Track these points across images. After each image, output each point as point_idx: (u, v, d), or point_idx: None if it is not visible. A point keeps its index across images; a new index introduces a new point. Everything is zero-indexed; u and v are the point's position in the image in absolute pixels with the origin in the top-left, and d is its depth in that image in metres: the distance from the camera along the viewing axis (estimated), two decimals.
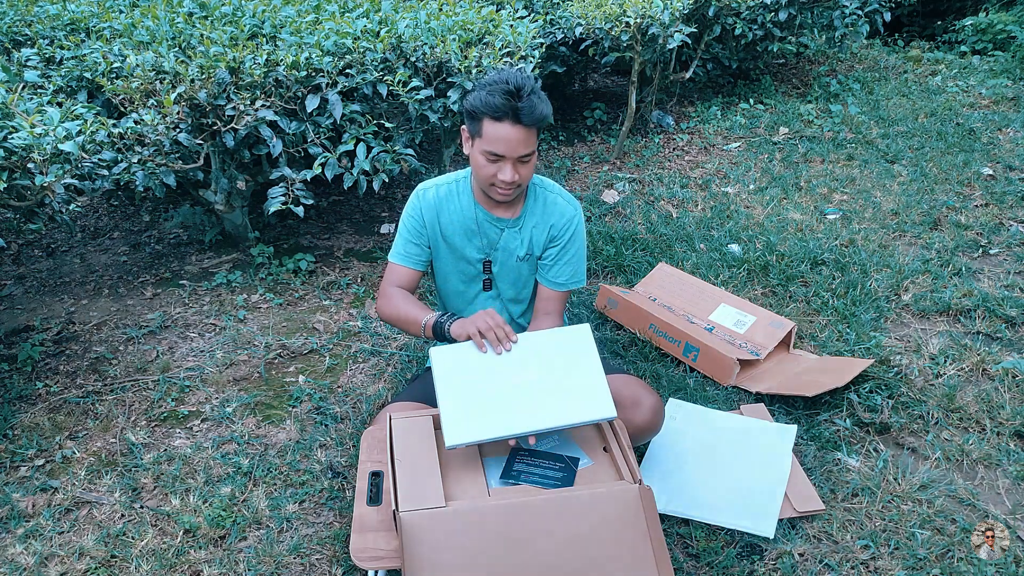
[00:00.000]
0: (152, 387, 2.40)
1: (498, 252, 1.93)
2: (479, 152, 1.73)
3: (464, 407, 1.52)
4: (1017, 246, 3.09)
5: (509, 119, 1.65)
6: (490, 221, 1.90)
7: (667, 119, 4.68)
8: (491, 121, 1.66)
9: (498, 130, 1.66)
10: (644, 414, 1.82)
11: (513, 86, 1.64)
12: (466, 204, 1.90)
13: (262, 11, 3.00)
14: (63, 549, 1.81)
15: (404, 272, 1.93)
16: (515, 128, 1.65)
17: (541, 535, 1.41)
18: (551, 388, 1.56)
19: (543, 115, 1.67)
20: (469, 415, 1.51)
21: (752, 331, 2.49)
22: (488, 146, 1.69)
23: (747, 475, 1.97)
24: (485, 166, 1.73)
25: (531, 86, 1.66)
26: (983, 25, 6.07)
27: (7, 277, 3.12)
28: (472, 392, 1.55)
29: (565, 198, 1.93)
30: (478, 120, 1.69)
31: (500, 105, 1.63)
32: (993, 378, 2.32)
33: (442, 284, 2.02)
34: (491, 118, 1.66)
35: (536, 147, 1.74)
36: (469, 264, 1.94)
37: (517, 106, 1.63)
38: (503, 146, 1.67)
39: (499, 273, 1.96)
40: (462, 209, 1.90)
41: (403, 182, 3.94)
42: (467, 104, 1.72)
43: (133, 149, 2.50)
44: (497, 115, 1.65)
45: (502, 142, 1.67)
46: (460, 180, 1.94)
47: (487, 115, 1.66)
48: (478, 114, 1.68)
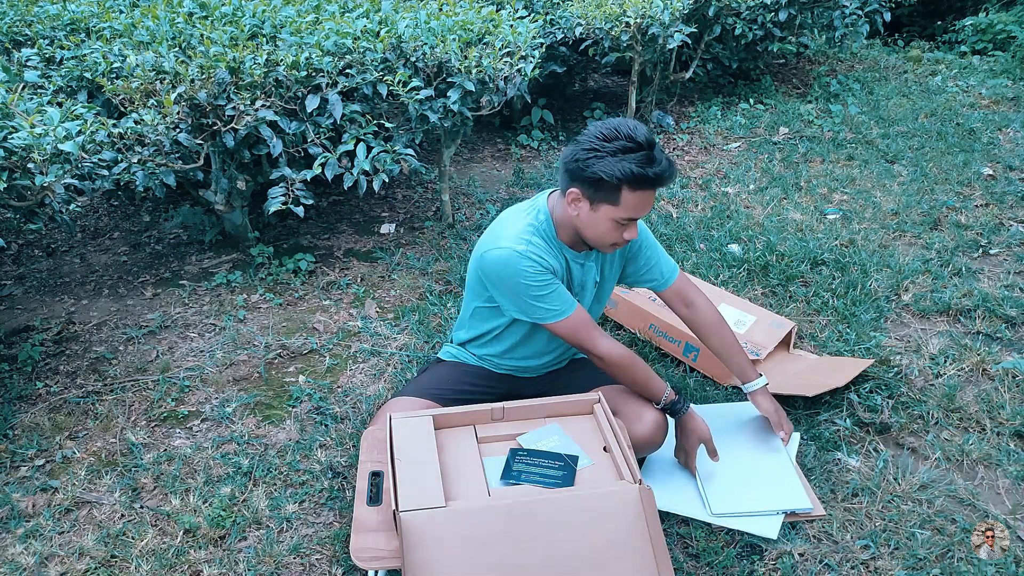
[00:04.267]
0: (152, 387, 2.40)
1: (580, 287, 1.86)
2: (608, 219, 1.63)
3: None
4: (1017, 246, 3.09)
5: (653, 187, 1.57)
6: (573, 259, 1.81)
7: (667, 119, 4.68)
8: (633, 191, 1.57)
9: (643, 198, 1.59)
10: (645, 429, 1.81)
11: (646, 147, 1.55)
12: (556, 247, 1.77)
13: (262, 11, 2.99)
14: (63, 549, 1.81)
15: (585, 314, 1.78)
16: (654, 192, 1.60)
17: (541, 535, 1.41)
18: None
19: (676, 170, 1.63)
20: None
21: (752, 331, 2.49)
22: (629, 214, 1.60)
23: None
24: (613, 231, 1.65)
25: (652, 138, 1.58)
26: (983, 25, 6.08)
27: (7, 277, 3.12)
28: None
29: None
30: (614, 190, 1.58)
31: (646, 177, 1.55)
32: (993, 378, 2.31)
33: (515, 324, 1.89)
34: (634, 188, 1.56)
35: None
36: None
37: (659, 172, 1.56)
38: (645, 211, 1.61)
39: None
40: (555, 253, 1.77)
41: (403, 182, 3.94)
42: (595, 172, 1.57)
43: (133, 149, 2.50)
44: (643, 186, 1.56)
45: (644, 208, 1.60)
46: (542, 229, 1.75)
47: (628, 185, 1.56)
48: (617, 183, 1.56)
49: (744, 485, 1.91)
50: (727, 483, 1.92)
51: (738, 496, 1.88)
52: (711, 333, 1.99)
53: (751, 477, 1.94)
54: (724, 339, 1.98)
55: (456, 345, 2.07)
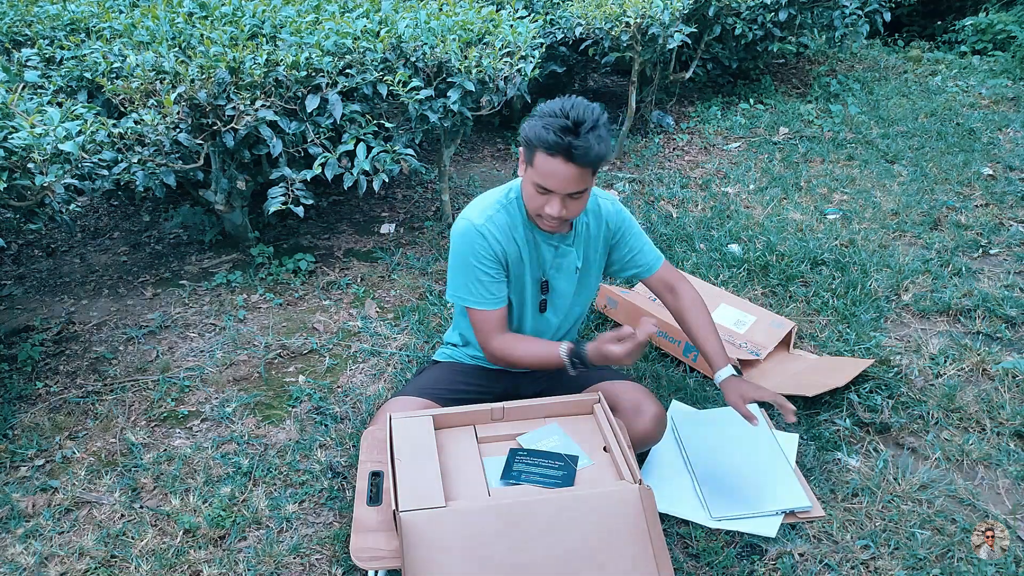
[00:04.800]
0: (152, 387, 2.40)
1: (555, 269, 1.85)
2: (529, 182, 1.64)
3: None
4: (1017, 246, 3.09)
5: (562, 156, 1.55)
6: (545, 240, 1.80)
7: (667, 119, 4.68)
8: (544, 155, 1.57)
9: (550, 165, 1.57)
10: (645, 423, 1.81)
11: (571, 121, 1.53)
12: (524, 227, 1.78)
13: (262, 11, 2.99)
14: (63, 549, 1.81)
15: (498, 314, 1.79)
16: (567, 166, 1.55)
17: (541, 535, 1.41)
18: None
19: (599, 156, 1.57)
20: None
21: (752, 331, 2.49)
22: (538, 179, 1.60)
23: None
24: (534, 197, 1.65)
25: (591, 122, 1.56)
26: (983, 25, 6.08)
27: (7, 277, 3.12)
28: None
29: (602, 195, 1.89)
30: (532, 150, 1.60)
31: (553, 142, 1.53)
32: (993, 378, 2.31)
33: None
34: (544, 151, 1.57)
35: (591, 184, 1.65)
36: (526, 287, 1.85)
37: (571, 144, 1.53)
38: (553, 182, 1.59)
39: (555, 293, 1.88)
40: (523, 234, 1.78)
41: (403, 182, 3.94)
42: (523, 131, 1.62)
43: (133, 149, 2.50)
44: (550, 151, 1.55)
45: (552, 178, 1.58)
46: (510, 203, 1.78)
47: (540, 148, 1.57)
48: (532, 144, 1.59)
49: (743, 487, 1.91)
50: (726, 485, 1.92)
51: (737, 498, 1.88)
52: (688, 314, 1.94)
53: (750, 479, 1.94)
54: (700, 321, 1.92)
55: (449, 345, 2.08)
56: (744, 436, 2.06)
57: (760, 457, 1.99)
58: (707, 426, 2.13)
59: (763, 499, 1.87)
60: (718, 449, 2.04)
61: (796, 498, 1.86)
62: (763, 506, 1.85)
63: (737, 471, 1.97)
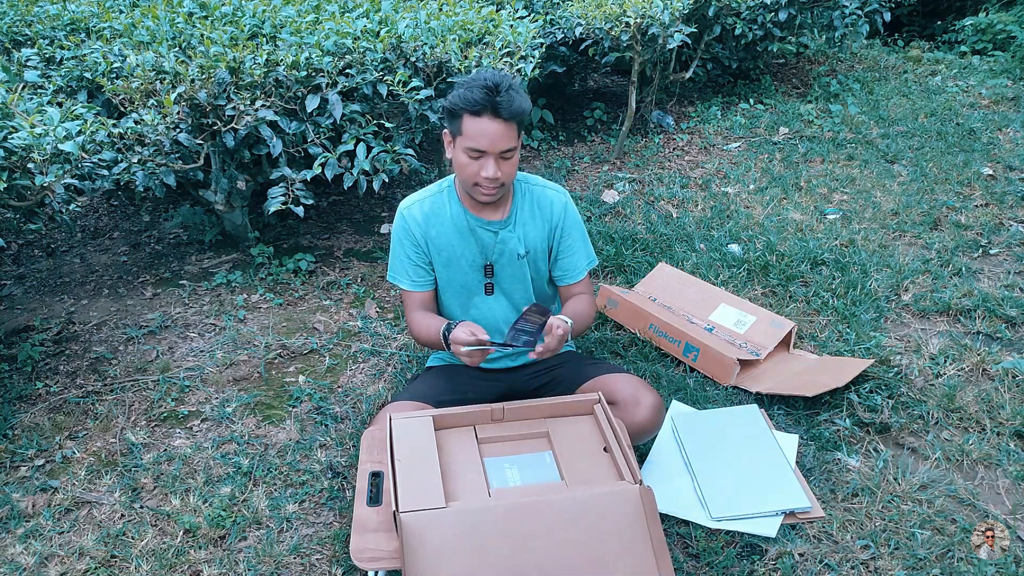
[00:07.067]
0: (152, 387, 2.40)
1: (497, 255, 1.91)
2: (461, 151, 1.72)
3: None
4: (1017, 246, 3.09)
5: (488, 113, 1.65)
6: (482, 226, 1.88)
7: (667, 119, 4.68)
8: (471, 117, 1.67)
9: (478, 125, 1.66)
10: (644, 413, 1.83)
11: (491, 82, 1.65)
12: (456, 212, 1.89)
13: (262, 11, 3.00)
14: (63, 549, 1.81)
15: (420, 296, 1.95)
16: (495, 122, 1.66)
17: (541, 535, 1.41)
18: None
19: (522, 108, 1.68)
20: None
21: (752, 331, 2.49)
22: (469, 142, 1.69)
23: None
24: (468, 164, 1.73)
25: (508, 82, 1.67)
26: (983, 25, 6.07)
27: (7, 277, 3.12)
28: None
29: (551, 187, 1.94)
30: (458, 117, 1.69)
31: (479, 99, 1.64)
32: (993, 378, 2.32)
33: (442, 294, 2.00)
34: (470, 113, 1.66)
35: (518, 144, 1.74)
36: (469, 271, 1.92)
37: (495, 100, 1.64)
38: (485, 141, 1.67)
39: (502, 276, 1.94)
40: (453, 218, 1.88)
41: (403, 182, 3.94)
42: (446, 103, 1.72)
43: (133, 149, 2.50)
44: (476, 109, 1.65)
45: (483, 137, 1.67)
46: (444, 190, 1.91)
47: (466, 110, 1.67)
48: (457, 111, 1.68)
49: (743, 487, 1.91)
50: (726, 486, 1.92)
51: (737, 499, 1.88)
52: (568, 302, 2.00)
53: (749, 479, 1.94)
54: (571, 304, 1.98)
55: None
56: (744, 436, 2.06)
57: (760, 457, 1.99)
58: (707, 426, 2.12)
59: (763, 499, 1.87)
60: (718, 449, 2.03)
61: (796, 498, 1.86)
62: (763, 506, 1.85)
63: (737, 471, 1.97)
